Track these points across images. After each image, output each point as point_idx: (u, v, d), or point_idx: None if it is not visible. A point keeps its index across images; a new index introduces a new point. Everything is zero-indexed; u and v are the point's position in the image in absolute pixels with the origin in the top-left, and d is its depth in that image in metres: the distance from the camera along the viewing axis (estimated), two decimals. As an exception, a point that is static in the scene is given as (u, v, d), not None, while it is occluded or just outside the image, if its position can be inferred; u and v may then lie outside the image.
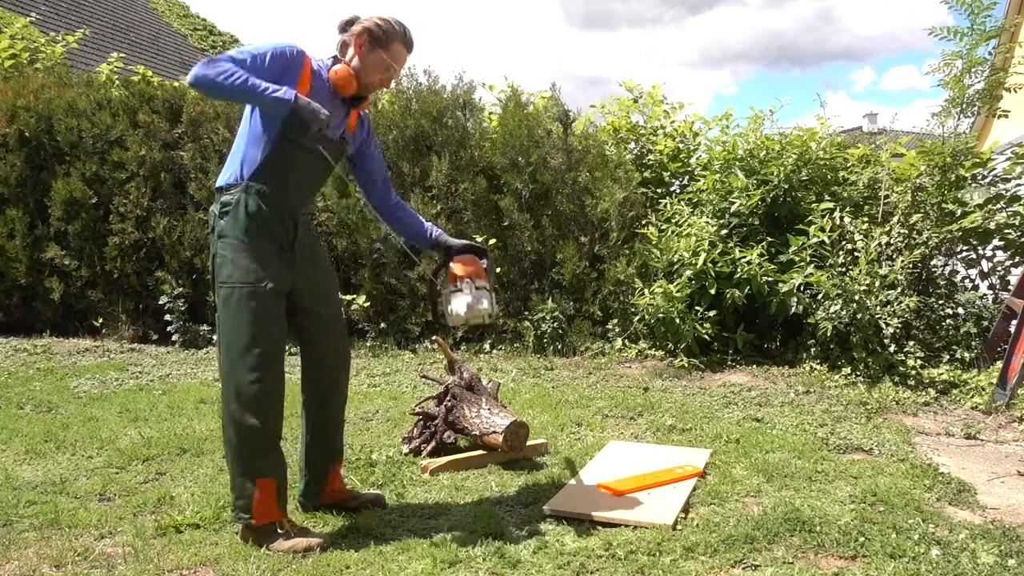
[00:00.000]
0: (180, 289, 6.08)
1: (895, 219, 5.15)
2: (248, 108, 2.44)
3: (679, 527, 2.56)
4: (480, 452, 3.31)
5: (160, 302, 6.06)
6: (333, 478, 2.72)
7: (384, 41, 2.45)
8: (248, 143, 2.41)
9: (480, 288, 2.58)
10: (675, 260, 5.36)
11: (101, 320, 6.27)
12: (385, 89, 3.10)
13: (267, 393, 2.39)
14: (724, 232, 5.44)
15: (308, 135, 2.29)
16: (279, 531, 2.44)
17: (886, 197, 5.31)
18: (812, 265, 5.05)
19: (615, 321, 5.67)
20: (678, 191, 6.29)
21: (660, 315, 5.18)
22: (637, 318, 5.47)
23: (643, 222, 5.68)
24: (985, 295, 5.22)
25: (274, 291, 2.39)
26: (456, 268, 2.61)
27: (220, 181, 2.45)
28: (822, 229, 5.01)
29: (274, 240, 2.41)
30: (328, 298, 2.63)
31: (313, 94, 2.38)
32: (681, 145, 6.55)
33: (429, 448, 3.36)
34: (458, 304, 2.57)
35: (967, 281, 5.41)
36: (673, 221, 5.60)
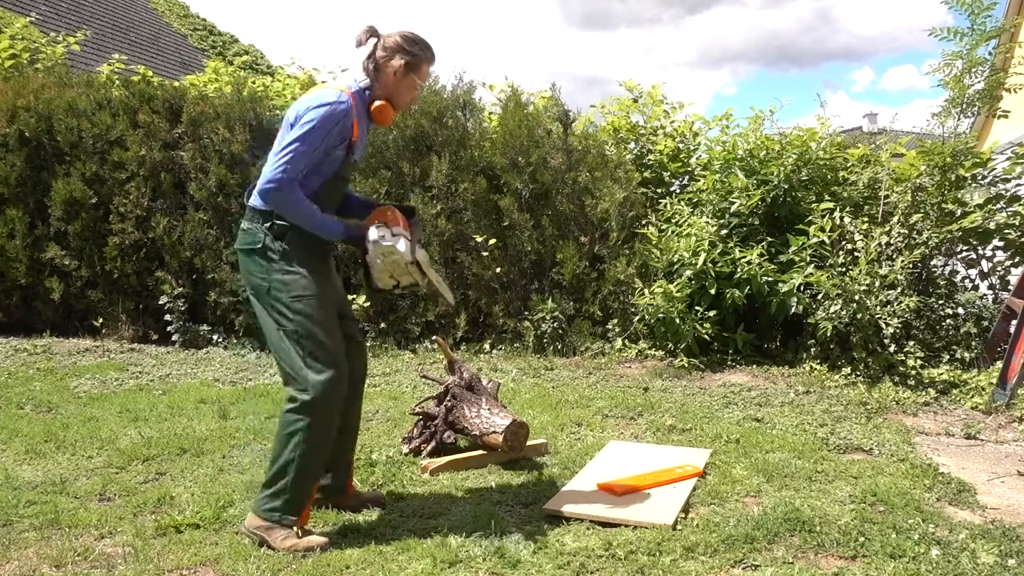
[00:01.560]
0: (180, 289, 6.08)
1: (895, 219, 5.15)
2: (289, 130, 2.48)
3: (679, 527, 2.56)
4: (480, 452, 3.31)
5: (160, 302, 6.06)
6: (352, 474, 2.82)
7: (417, 67, 2.58)
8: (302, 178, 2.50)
9: (397, 234, 2.53)
10: (675, 260, 5.36)
11: (101, 320, 6.27)
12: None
13: (342, 396, 2.51)
14: (724, 232, 5.44)
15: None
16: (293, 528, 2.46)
17: (886, 197, 5.31)
18: (812, 265, 5.05)
19: (615, 321, 5.67)
20: (678, 191, 6.29)
21: (660, 315, 5.18)
22: (637, 318, 5.48)
23: (643, 222, 5.68)
24: (985, 295, 5.22)
25: (334, 300, 2.58)
26: (372, 218, 2.59)
27: (263, 203, 2.49)
28: (822, 229, 5.01)
29: (324, 255, 2.59)
30: (347, 303, 2.79)
31: (360, 132, 2.55)
32: (681, 145, 6.54)
33: (429, 448, 3.36)
34: (373, 251, 2.53)
35: (967, 281, 5.41)
36: (673, 221, 5.60)
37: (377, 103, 2.56)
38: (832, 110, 22.72)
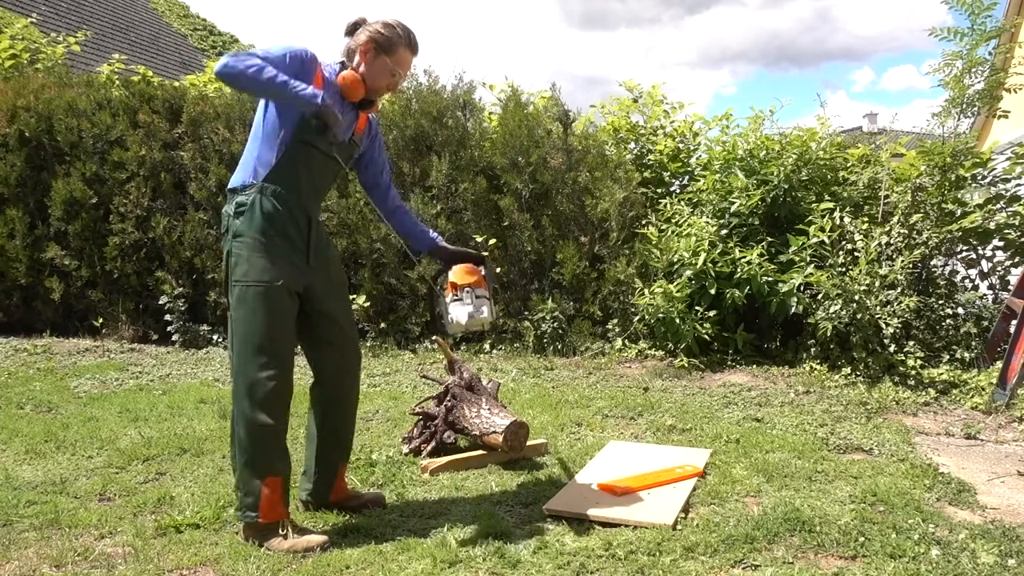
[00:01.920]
0: (180, 289, 6.08)
1: (895, 219, 5.15)
2: (260, 110, 2.47)
3: (679, 527, 2.56)
4: (480, 452, 3.31)
5: (160, 302, 6.06)
6: (340, 477, 2.75)
7: (389, 48, 2.49)
8: (262, 144, 2.44)
9: (480, 297, 2.61)
10: (675, 260, 5.36)
11: (101, 320, 6.27)
12: (392, 93, 3.13)
13: (279, 391, 2.41)
14: (724, 232, 5.44)
15: (326, 134, 2.36)
16: (280, 530, 2.44)
17: (886, 197, 5.31)
18: (812, 265, 5.05)
19: (615, 321, 5.67)
20: (678, 191, 6.29)
21: (660, 315, 5.18)
22: (637, 318, 5.47)
23: (643, 222, 5.68)
24: (985, 295, 5.22)
25: (288, 290, 2.43)
26: (456, 278, 2.63)
27: (233, 182, 2.47)
28: (822, 229, 5.01)
29: (288, 240, 2.44)
30: (343, 300, 2.69)
31: (325, 88, 2.42)
32: (681, 145, 6.54)
33: (429, 448, 3.36)
34: (458, 313, 2.59)
35: (967, 281, 5.41)
36: (673, 221, 5.60)
37: (344, 72, 2.47)
38: (832, 110, 22.75)
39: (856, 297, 4.71)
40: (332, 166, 2.55)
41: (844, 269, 4.93)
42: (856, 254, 4.96)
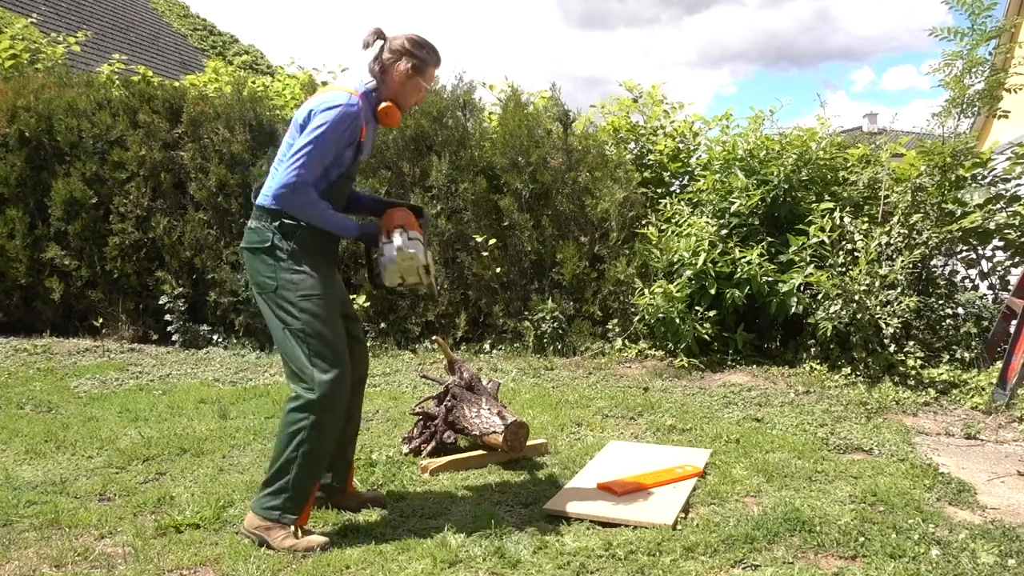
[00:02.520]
0: (180, 289, 6.08)
1: (895, 219, 5.15)
2: (299, 131, 2.50)
3: (679, 527, 2.56)
4: (480, 452, 3.31)
5: (160, 302, 6.06)
6: (352, 474, 2.82)
7: (422, 69, 2.62)
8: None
9: (413, 239, 2.58)
10: (675, 260, 5.36)
11: (101, 320, 6.27)
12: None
13: (347, 395, 2.54)
14: (724, 232, 5.44)
15: (378, 248, 2.60)
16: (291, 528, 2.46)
17: (886, 197, 5.31)
18: (812, 265, 5.05)
19: (615, 321, 5.67)
20: (678, 191, 6.28)
21: (660, 315, 5.18)
22: (637, 318, 5.47)
23: (643, 222, 5.68)
24: (985, 295, 5.22)
25: (339, 300, 2.61)
26: (387, 220, 2.62)
27: (272, 202, 2.49)
28: (822, 229, 5.01)
29: (331, 254, 2.63)
30: (350, 303, 2.82)
31: (368, 133, 2.59)
32: (681, 145, 6.54)
33: (429, 448, 3.36)
34: (388, 251, 2.57)
35: (967, 281, 5.41)
36: (673, 221, 5.60)
37: (384, 104, 2.58)
38: (832, 110, 22.72)
39: (856, 297, 4.71)
40: (352, 182, 2.75)
41: (844, 269, 4.92)
42: (856, 254, 4.96)
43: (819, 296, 4.93)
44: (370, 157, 6.02)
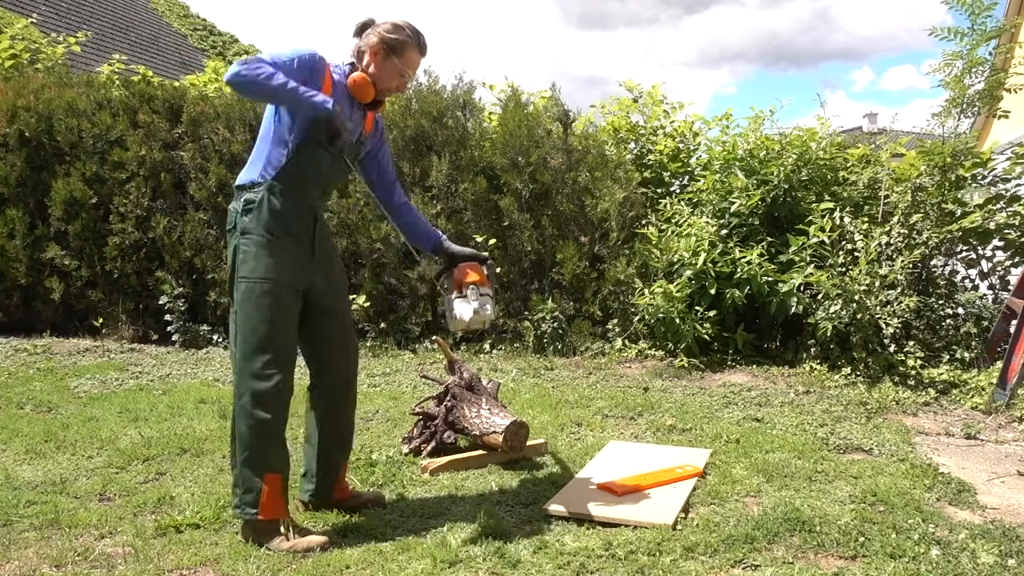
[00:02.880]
0: (180, 289, 6.08)
1: (895, 219, 5.15)
2: (271, 110, 2.49)
3: (679, 527, 2.56)
4: (480, 452, 3.31)
5: (160, 302, 6.06)
6: (343, 476, 2.77)
7: (399, 49, 2.52)
8: (272, 144, 2.46)
9: (484, 295, 2.66)
10: (675, 260, 5.36)
11: (101, 320, 6.27)
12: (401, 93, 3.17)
13: (280, 389, 2.43)
14: (724, 232, 5.44)
15: (336, 142, 2.37)
16: (281, 530, 2.44)
17: (886, 197, 5.31)
18: (812, 265, 5.05)
19: (615, 321, 5.67)
20: (678, 191, 6.28)
21: (660, 315, 5.18)
22: (637, 318, 5.47)
23: (643, 222, 5.68)
24: (985, 295, 5.22)
25: (293, 288, 2.46)
26: (462, 276, 2.68)
27: (242, 179, 2.49)
28: (822, 229, 5.01)
29: (295, 238, 2.48)
30: (343, 299, 2.72)
31: (335, 95, 2.46)
32: (681, 145, 6.54)
33: (429, 448, 3.36)
34: (463, 310, 2.64)
35: (967, 281, 5.41)
36: (673, 221, 5.60)
37: (355, 74, 2.51)
38: (831, 110, 22.73)
39: (856, 297, 4.71)
40: (339, 165, 2.59)
41: (844, 269, 4.92)
42: (856, 254, 4.96)
43: (819, 296, 4.93)
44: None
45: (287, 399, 2.47)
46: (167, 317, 6.05)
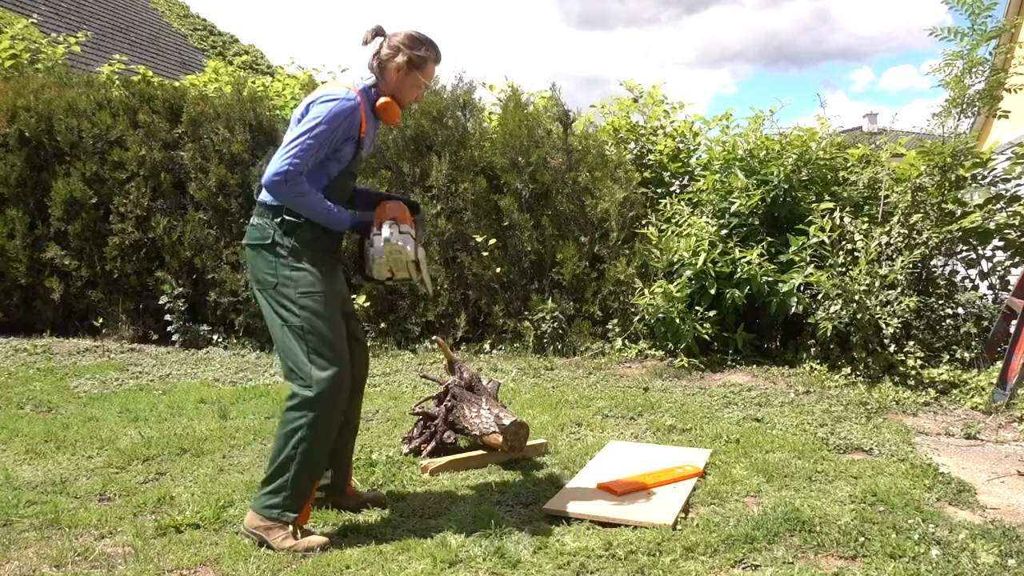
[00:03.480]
0: (180, 289, 6.08)
1: (895, 219, 5.15)
2: (296, 125, 2.50)
3: (679, 527, 2.56)
4: (480, 452, 3.31)
5: (160, 302, 6.06)
6: (351, 474, 2.82)
7: (421, 65, 2.59)
8: (311, 172, 2.49)
9: (404, 232, 2.56)
10: (675, 260, 5.36)
11: (101, 320, 6.27)
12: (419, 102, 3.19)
13: (346, 394, 2.53)
14: (724, 232, 5.44)
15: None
16: (289, 527, 2.46)
17: (886, 197, 5.31)
18: (812, 265, 5.05)
19: (615, 321, 5.67)
20: (678, 191, 6.28)
21: (660, 315, 5.18)
22: (637, 318, 5.48)
23: (643, 222, 5.68)
24: (985, 295, 5.22)
25: (340, 298, 2.59)
26: (381, 212, 2.60)
27: (268, 192, 2.50)
28: (822, 229, 5.01)
29: (332, 252, 2.61)
30: (351, 302, 2.82)
31: (368, 129, 2.57)
32: (681, 145, 6.54)
33: (429, 448, 3.36)
34: (377, 243, 2.55)
35: (967, 281, 5.41)
36: (673, 221, 5.60)
37: (382, 99, 2.57)
38: (831, 110, 22.74)
39: (856, 297, 4.71)
40: (355, 179, 2.74)
41: (844, 269, 4.92)
42: (856, 254, 4.96)
43: (819, 296, 4.93)
44: (370, 157, 6.02)
45: (347, 397, 2.57)
46: (167, 317, 6.05)
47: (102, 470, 3.20)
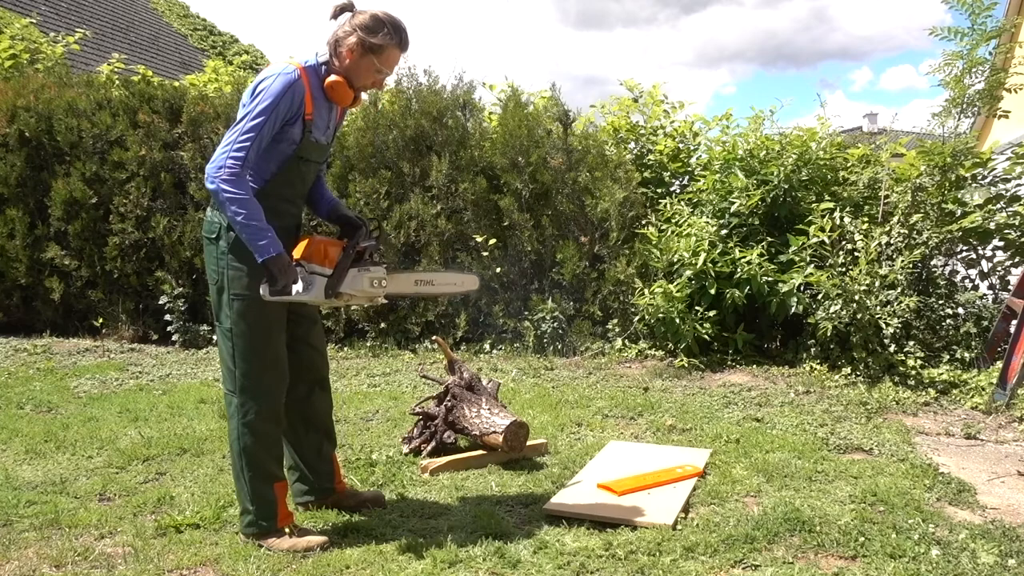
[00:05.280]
0: (180, 289, 6.08)
1: (895, 219, 5.15)
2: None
3: (679, 527, 2.56)
4: (480, 452, 3.31)
5: (160, 302, 6.06)
6: (338, 467, 2.79)
7: (376, 47, 2.37)
8: (259, 157, 2.36)
9: (312, 273, 2.36)
10: (675, 260, 5.36)
11: (101, 320, 6.27)
12: (378, 90, 3.05)
13: (282, 400, 2.47)
14: (724, 232, 5.44)
15: (275, 284, 2.29)
16: (285, 530, 2.45)
17: (886, 197, 5.30)
18: (812, 265, 5.05)
19: (615, 321, 5.67)
20: (678, 191, 6.28)
21: (660, 315, 5.18)
22: (637, 318, 5.47)
23: (643, 222, 5.68)
24: (985, 295, 5.22)
25: (283, 303, 2.43)
26: (296, 250, 2.41)
27: (208, 184, 2.39)
28: (822, 229, 5.01)
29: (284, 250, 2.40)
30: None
31: (315, 110, 2.40)
32: (681, 145, 6.54)
33: (429, 448, 3.36)
34: (295, 289, 2.35)
35: (967, 281, 5.40)
36: (673, 221, 5.60)
37: (331, 78, 2.38)
38: (831, 110, 22.73)
39: (856, 297, 4.71)
40: (314, 168, 2.54)
41: (844, 269, 4.92)
42: (856, 254, 4.96)
43: (819, 296, 4.93)
44: (370, 157, 6.03)
45: (283, 408, 2.50)
46: (167, 317, 6.05)
47: (102, 470, 3.20)
